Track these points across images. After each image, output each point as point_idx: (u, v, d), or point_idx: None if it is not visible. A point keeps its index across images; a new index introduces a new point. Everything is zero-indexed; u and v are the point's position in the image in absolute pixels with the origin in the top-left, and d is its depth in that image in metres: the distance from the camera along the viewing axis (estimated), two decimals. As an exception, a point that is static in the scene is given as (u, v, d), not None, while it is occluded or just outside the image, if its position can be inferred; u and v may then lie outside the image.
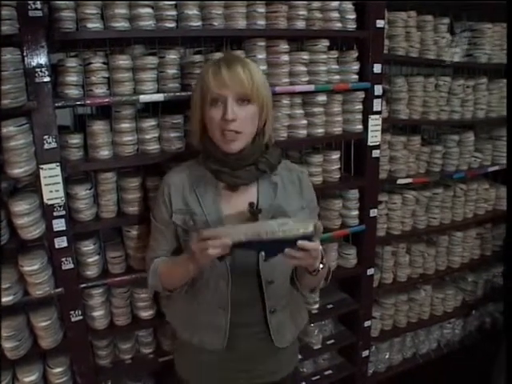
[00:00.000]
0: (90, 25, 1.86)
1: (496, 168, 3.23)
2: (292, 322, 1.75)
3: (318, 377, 2.88)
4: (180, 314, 1.77)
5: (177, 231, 1.65)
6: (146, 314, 2.26)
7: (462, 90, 2.92)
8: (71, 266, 1.99)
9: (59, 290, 1.99)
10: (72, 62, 1.90)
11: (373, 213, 2.68)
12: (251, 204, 1.58)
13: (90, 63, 1.92)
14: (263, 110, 1.55)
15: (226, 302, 1.59)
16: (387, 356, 3.18)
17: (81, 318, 2.08)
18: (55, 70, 1.90)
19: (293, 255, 1.33)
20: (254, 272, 1.59)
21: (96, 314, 2.16)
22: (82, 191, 1.99)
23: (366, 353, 2.96)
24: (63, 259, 1.97)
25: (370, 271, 2.78)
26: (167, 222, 1.64)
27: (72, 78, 1.90)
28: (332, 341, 2.87)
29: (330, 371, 2.93)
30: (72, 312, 2.05)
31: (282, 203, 1.61)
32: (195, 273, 1.52)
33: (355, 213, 2.65)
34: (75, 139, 1.98)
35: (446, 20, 2.80)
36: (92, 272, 2.11)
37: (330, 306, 2.81)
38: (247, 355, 1.68)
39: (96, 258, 2.11)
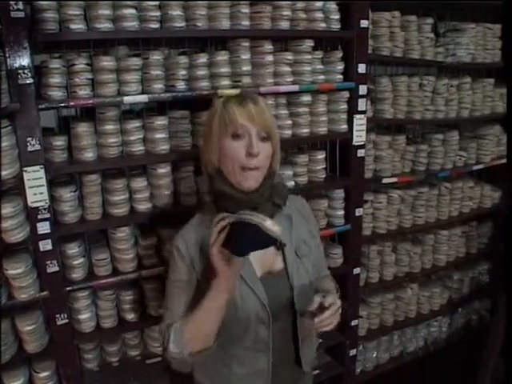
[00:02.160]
0: (73, 26, 1.85)
1: (480, 166, 3.25)
2: (312, 343, 1.72)
3: (305, 376, 2.87)
4: (209, 372, 1.63)
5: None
6: (132, 316, 2.25)
7: (446, 89, 2.94)
8: (56, 268, 1.98)
9: (44, 293, 1.97)
10: (55, 64, 1.89)
11: (358, 212, 2.69)
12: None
13: (74, 64, 1.91)
14: (276, 149, 1.51)
15: (268, 344, 1.53)
16: (375, 355, 3.19)
17: (66, 321, 2.06)
18: (38, 71, 1.89)
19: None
20: (288, 305, 1.54)
21: (82, 316, 2.15)
22: (67, 193, 1.98)
23: (353, 352, 2.97)
24: (48, 262, 1.95)
25: (357, 270, 2.79)
26: (191, 281, 1.51)
27: (55, 80, 1.89)
28: (319, 340, 2.86)
29: (317, 371, 2.92)
30: (57, 315, 2.03)
31: (298, 232, 1.60)
32: (227, 299, 1.38)
33: (341, 212, 2.66)
34: (59, 141, 1.97)
35: (430, 20, 2.83)
36: (77, 275, 2.10)
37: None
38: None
39: (81, 260, 2.10)
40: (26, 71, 1.75)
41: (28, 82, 1.77)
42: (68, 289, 2.06)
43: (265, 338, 1.52)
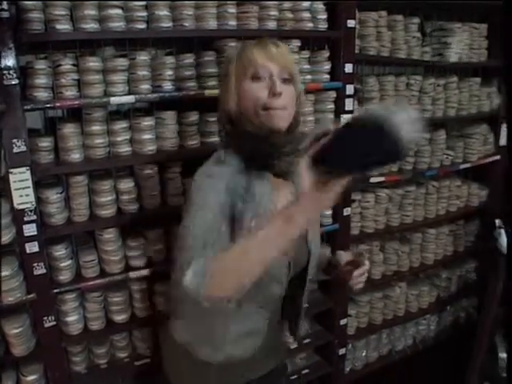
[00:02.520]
0: (58, 26, 1.84)
1: (467, 165, 3.27)
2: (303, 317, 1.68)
3: (295, 376, 2.87)
4: (197, 328, 1.50)
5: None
6: (120, 317, 2.24)
7: (432, 88, 2.96)
8: (43, 271, 1.96)
9: (31, 295, 1.96)
10: (41, 64, 1.88)
11: (346, 212, 2.69)
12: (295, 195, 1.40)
13: (60, 65, 1.90)
14: (300, 94, 1.43)
15: (275, 306, 1.51)
16: (364, 353, 3.20)
17: (54, 323, 2.04)
18: (24, 72, 1.87)
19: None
20: (301, 271, 1.50)
21: (70, 319, 2.13)
22: (53, 195, 1.97)
23: (342, 351, 2.98)
24: (35, 264, 1.94)
25: (345, 269, 2.79)
26: (225, 211, 1.27)
27: (41, 81, 1.87)
28: (308, 340, 2.87)
29: (307, 370, 2.93)
30: (45, 318, 2.01)
31: None
32: (292, 242, 1.08)
33: (329, 212, 2.67)
34: (45, 142, 1.95)
35: (417, 20, 2.84)
36: (65, 277, 2.08)
37: (305, 306, 2.79)
38: (271, 352, 1.61)
39: (69, 262, 2.08)
40: (11, 72, 1.73)
41: (13, 82, 1.75)
42: (55, 291, 2.05)
43: (275, 298, 1.48)
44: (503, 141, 3.41)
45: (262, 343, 1.53)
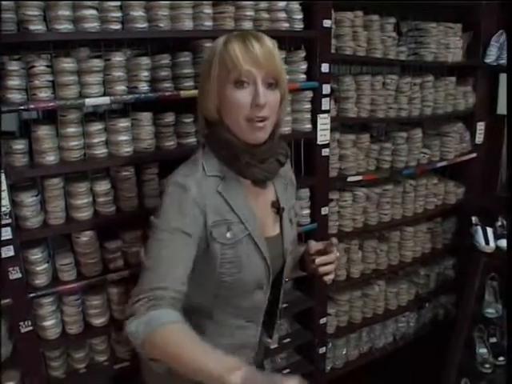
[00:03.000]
0: (32, 27, 1.81)
1: (444, 163, 3.30)
2: None
3: (275, 376, 2.87)
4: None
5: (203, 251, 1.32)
6: (98, 321, 2.21)
7: (409, 87, 2.98)
8: (19, 275, 1.93)
9: (7, 300, 1.92)
10: (14, 66, 1.84)
11: (324, 211, 2.70)
12: (274, 203, 1.46)
13: (34, 66, 1.87)
14: (284, 96, 1.37)
15: (261, 312, 1.48)
16: (344, 352, 3.21)
17: (31, 328, 2.01)
18: (-4, 73, 1.85)
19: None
20: (279, 273, 1.50)
21: (47, 323, 2.09)
22: (28, 198, 1.94)
23: (322, 350, 2.98)
24: (10, 269, 1.90)
25: (324, 269, 2.79)
26: (195, 239, 1.28)
27: (14, 82, 1.84)
28: (288, 339, 2.87)
29: (287, 370, 2.93)
30: (21, 323, 1.98)
31: (290, 197, 1.56)
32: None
33: (307, 211, 2.67)
34: (19, 145, 1.92)
35: (392, 19, 2.86)
36: (41, 281, 2.05)
37: (284, 305, 2.80)
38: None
39: (45, 266, 2.05)
40: (-17, 74, 1.71)
41: (-15, 84, 1.73)
42: (32, 295, 2.01)
43: (261, 304, 1.47)
44: (479, 139, 3.45)
45: (254, 356, 1.55)
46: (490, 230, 2.87)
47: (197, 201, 1.27)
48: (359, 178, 2.83)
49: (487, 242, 2.81)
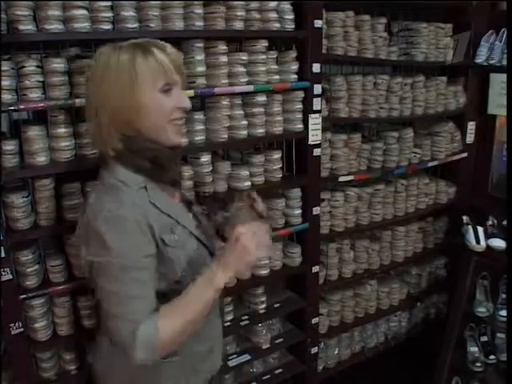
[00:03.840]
0: (22, 27, 1.80)
1: (435, 163, 3.31)
2: None
3: (268, 376, 2.87)
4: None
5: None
6: (89, 322, 2.21)
7: (400, 87, 2.99)
8: (10, 276, 1.92)
9: (-3, 302, 1.92)
10: (4, 66, 1.83)
11: (316, 211, 2.70)
12: (184, 198, 1.57)
13: (24, 67, 1.86)
14: None
15: (218, 304, 1.57)
16: (336, 352, 3.21)
17: (21, 330, 1.99)
18: (-14, 74, 1.84)
19: None
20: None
21: (38, 325, 2.08)
22: (19, 199, 1.93)
23: (315, 349, 2.99)
24: (1, 270, 1.89)
25: (316, 269, 2.81)
26: (153, 255, 1.32)
27: (4, 83, 1.83)
28: (281, 339, 2.88)
29: (280, 370, 2.93)
30: (12, 325, 1.96)
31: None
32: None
33: (298, 211, 2.68)
34: (10, 145, 1.90)
35: (383, 20, 2.87)
36: (32, 282, 2.04)
37: (277, 305, 2.82)
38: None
39: (36, 267, 2.04)
40: (-28, 74, 1.70)
41: (-25, 85, 1.72)
42: (22, 297, 2.00)
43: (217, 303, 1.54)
44: (470, 138, 3.47)
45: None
46: (480, 230, 2.88)
47: (139, 220, 1.28)
48: (351, 177, 2.84)
49: (478, 242, 2.82)
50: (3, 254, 1.88)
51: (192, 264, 1.40)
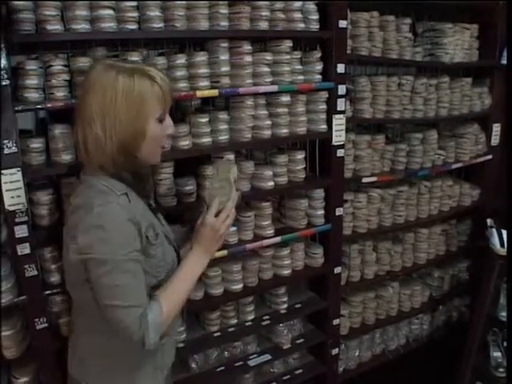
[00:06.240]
0: (49, 27, 1.83)
1: (459, 165, 3.28)
2: None
3: (288, 376, 2.88)
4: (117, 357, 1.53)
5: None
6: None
7: (424, 88, 2.97)
8: (35, 272, 1.94)
9: (23, 297, 1.94)
10: (32, 65, 1.87)
11: (338, 212, 2.70)
12: (150, 205, 1.60)
13: (51, 66, 1.89)
14: None
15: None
16: (357, 353, 3.20)
17: (46, 325, 2.02)
18: (15, 72, 1.86)
19: None
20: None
21: (62, 320, 2.11)
22: (45, 196, 1.96)
23: (335, 351, 2.98)
24: (26, 266, 1.91)
25: (337, 270, 2.80)
26: (140, 250, 1.40)
27: (32, 81, 1.86)
28: (301, 340, 2.88)
29: (300, 370, 2.94)
30: (37, 320, 1.99)
31: None
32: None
33: (321, 212, 2.67)
34: (36, 143, 1.94)
35: (408, 20, 2.85)
36: (56, 278, 2.07)
37: (298, 306, 2.82)
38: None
39: (60, 263, 2.05)
40: (2, 73, 1.72)
41: (4, 83, 1.73)
42: (47, 292, 2.03)
43: None
44: (495, 140, 3.43)
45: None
46: (505, 233, 2.84)
47: (128, 217, 1.36)
48: (374, 179, 2.83)
49: (502, 245, 2.78)
50: (28, 251, 1.90)
51: (165, 260, 1.51)
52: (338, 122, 2.54)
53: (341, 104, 2.53)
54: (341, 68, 2.49)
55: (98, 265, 1.32)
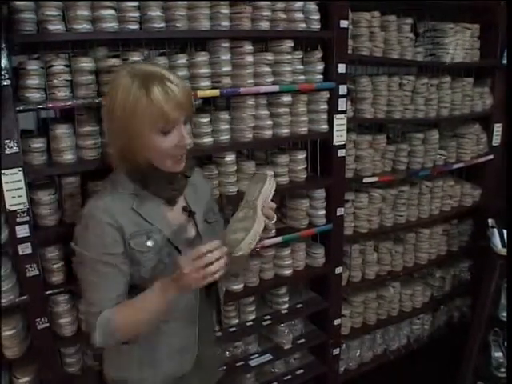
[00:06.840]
0: (51, 27, 1.82)
1: (461, 165, 3.28)
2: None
3: (289, 376, 2.88)
4: (130, 357, 1.56)
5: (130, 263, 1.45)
6: (113, 318, 2.23)
7: (425, 88, 2.96)
8: (36, 272, 1.94)
9: (24, 297, 1.94)
10: (33, 65, 1.87)
11: (340, 212, 2.70)
12: (185, 208, 1.56)
13: (52, 66, 1.89)
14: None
15: (196, 312, 1.56)
16: (358, 353, 3.20)
17: (47, 325, 2.02)
18: (16, 73, 1.86)
19: None
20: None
21: (63, 320, 2.10)
22: (46, 196, 1.96)
23: (336, 351, 2.98)
24: (28, 266, 1.92)
25: (339, 270, 2.80)
26: (120, 254, 1.41)
27: (33, 81, 1.86)
28: (302, 340, 2.88)
29: (301, 370, 2.94)
30: (38, 320, 1.99)
31: (204, 201, 1.65)
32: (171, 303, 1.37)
33: (322, 212, 2.67)
34: (38, 143, 1.94)
35: (409, 20, 2.85)
36: (58, 278, 2.07)
37: (299, 306, 2.82)
38: (208, 363, 1.69)
39: (62, 263, 2.07)
40: (3, 72, 1.72)
41: (5, 83, 1.74)
42: (48, 292, 2.03)
43: (194, 304, 1.55)
44: (496, 140, 3.43)
45: (196, 358, 1.59)
46: (506, 233, 2.84)
47: (108, 222, 1.39)
48: (375, 179, 2.82)
49: (503, 245, 2.78)
50: (30, 250, 1.91)
51: (159, 268, 1.46)
52: (339, 122, 2.54)
53: (342, 104, 2.53)
54: (342, 68, 2.49)
55: (76, 255, 1.47)
